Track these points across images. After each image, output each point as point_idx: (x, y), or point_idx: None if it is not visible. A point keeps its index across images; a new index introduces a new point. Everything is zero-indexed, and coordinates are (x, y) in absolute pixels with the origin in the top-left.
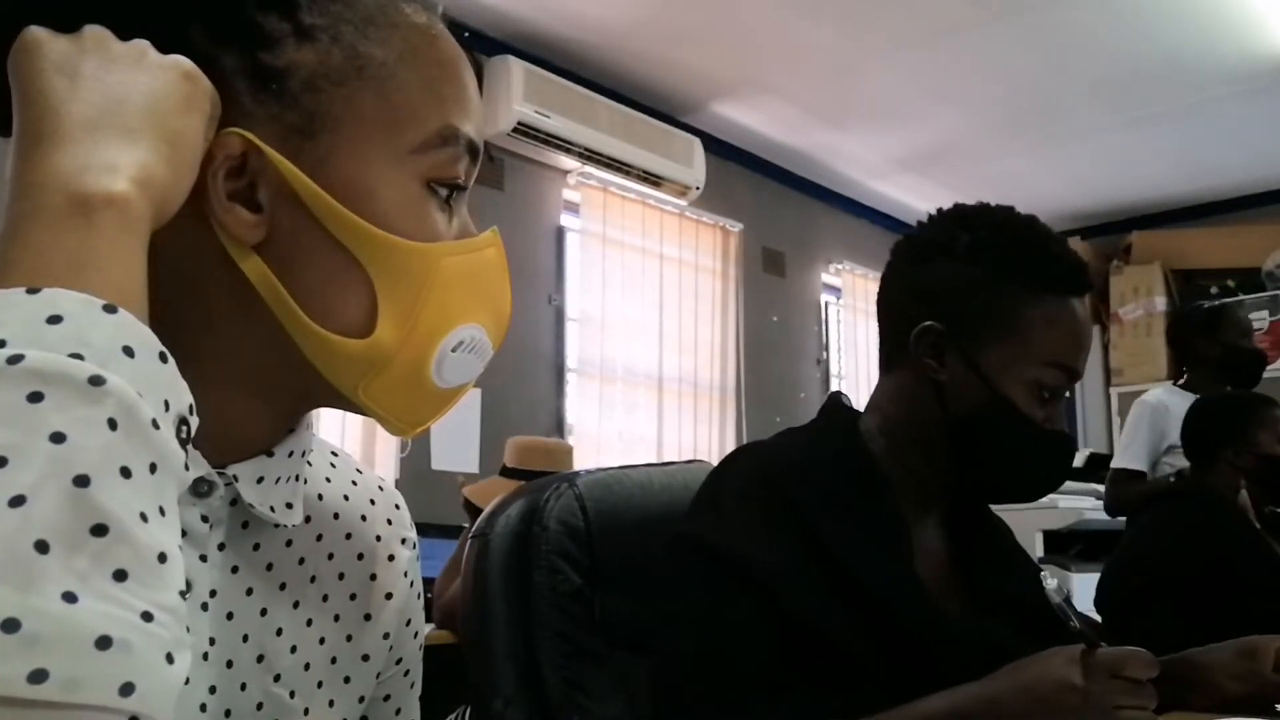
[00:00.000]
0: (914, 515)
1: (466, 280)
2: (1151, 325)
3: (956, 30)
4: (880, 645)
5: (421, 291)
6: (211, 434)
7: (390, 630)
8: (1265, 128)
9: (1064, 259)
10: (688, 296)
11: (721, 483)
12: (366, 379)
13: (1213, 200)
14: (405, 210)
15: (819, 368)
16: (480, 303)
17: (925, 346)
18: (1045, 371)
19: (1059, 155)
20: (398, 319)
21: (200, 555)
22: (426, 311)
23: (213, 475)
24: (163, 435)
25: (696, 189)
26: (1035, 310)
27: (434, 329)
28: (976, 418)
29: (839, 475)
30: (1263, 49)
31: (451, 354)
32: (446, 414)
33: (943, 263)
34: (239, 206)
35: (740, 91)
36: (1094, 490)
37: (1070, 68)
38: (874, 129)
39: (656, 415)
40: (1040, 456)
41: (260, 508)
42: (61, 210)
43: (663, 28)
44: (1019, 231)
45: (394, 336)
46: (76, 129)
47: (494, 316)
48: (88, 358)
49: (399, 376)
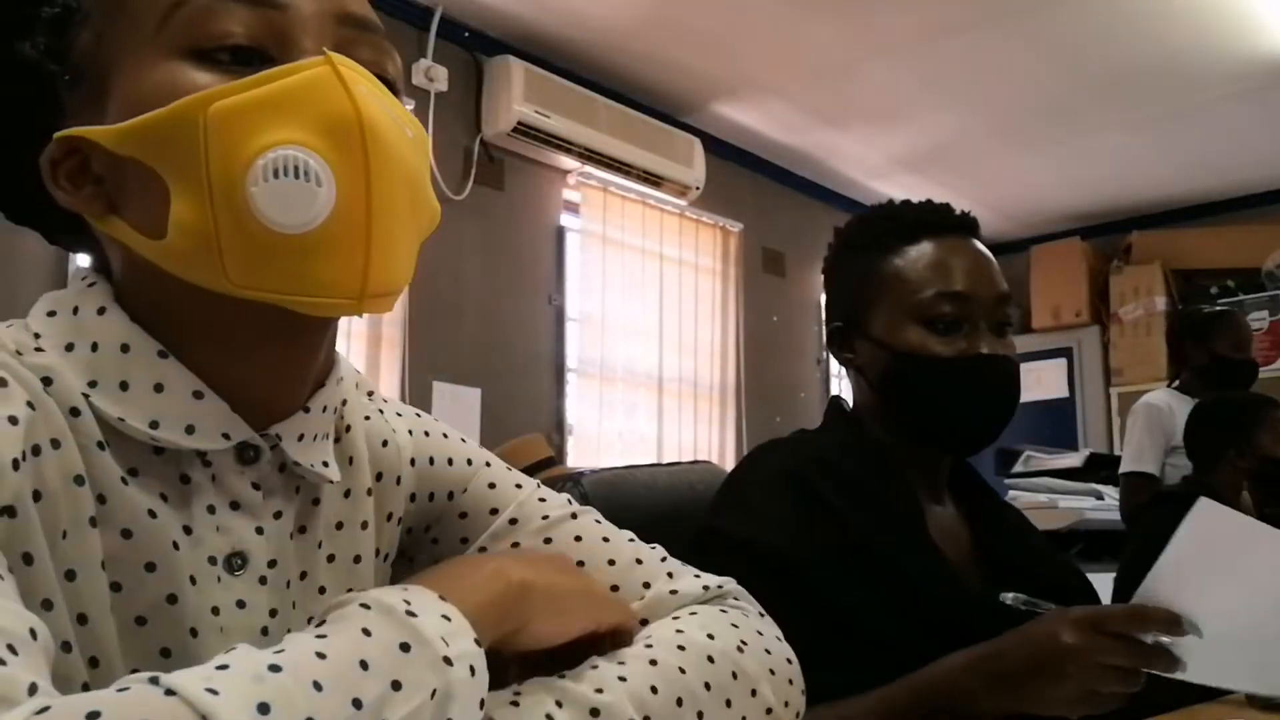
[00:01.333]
0: (926, 496)
1: (256, 112)
2: (1151, 325)
3: (956, 30)
4: (910, 623)
5: (199, 148)
6: (249, 399)
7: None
8: (1265, 128)
9: (909, 214)
10: (688, 296)
11: (745, 479)
12: (221, 266)
13: (1213, 200)
14: (163, 90)
15: (819, 368)
16: (285, 122)
17: (837, 345)
18: (926, 307)
19: (1059, 155)
20: (191, 189)
21: (256, 528)
22: (213, 164)
23: (255, 439)
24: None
25: (696, 189)
26: (894, 263)
27: (230, 176)
28: (888, 375)
29: (855, 465)
30: (1263, 49)
31: (262, 185)
32: (376, 279)
33: (832, 271)
34: (86, 187)
35: (740, 91)
36: (1094, 490)
37: (1070, 68)
38: (874, 129)
39: (656, 415)
40: (958, 383)
41: (307, 466)
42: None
43: (663, 28)
44: (873, 213)
45: (195, 207)
46: None
47: (319, 127)
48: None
49: (239, 243)
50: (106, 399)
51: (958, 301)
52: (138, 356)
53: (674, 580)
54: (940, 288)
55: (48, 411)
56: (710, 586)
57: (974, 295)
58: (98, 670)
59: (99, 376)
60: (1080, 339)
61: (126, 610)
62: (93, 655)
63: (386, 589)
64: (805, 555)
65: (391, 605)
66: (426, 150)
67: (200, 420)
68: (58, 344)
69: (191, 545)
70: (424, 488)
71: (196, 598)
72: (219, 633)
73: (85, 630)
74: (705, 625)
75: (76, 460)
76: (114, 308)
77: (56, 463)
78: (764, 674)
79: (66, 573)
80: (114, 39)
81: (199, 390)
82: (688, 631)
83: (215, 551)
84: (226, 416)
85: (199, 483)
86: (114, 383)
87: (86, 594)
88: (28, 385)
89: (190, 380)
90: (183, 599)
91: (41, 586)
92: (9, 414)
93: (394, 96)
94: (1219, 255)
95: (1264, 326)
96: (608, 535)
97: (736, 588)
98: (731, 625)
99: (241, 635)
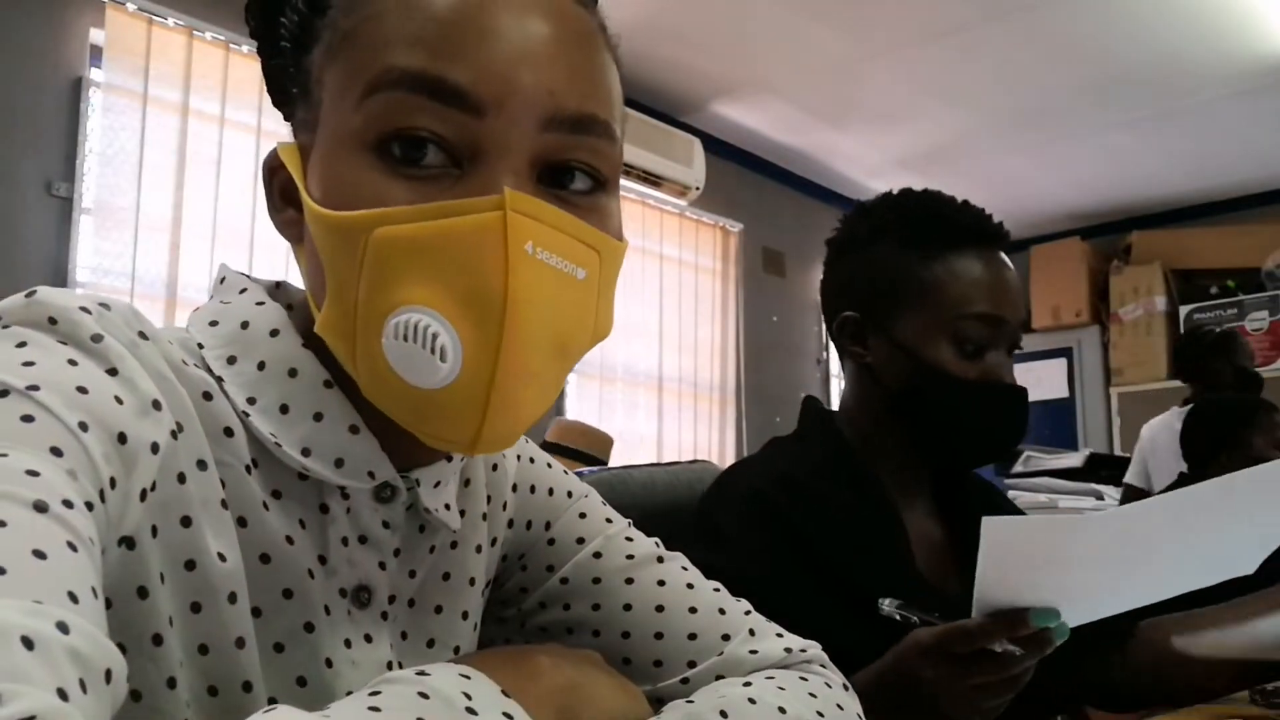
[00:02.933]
0: (902, 500)
1: (412, 251)
2: (1151, 325)
3: (956, 30)
4: (886, 643)
5: (357, 268)
6: (400, 438)
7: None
8: (1265, 128)
9: (956, 218)
10: (688, 297)
11: (714, 507)
12: (355, 370)
13: (1213, 200)
14: (345, 179)
15: (819, 368)
16: (434, 274)
17: (848, 336)
18: (962, 325)
19: (1059, 155)
20: (343, 297)
21: (379, 563)
22: (363, 290)
23: (396, 480)
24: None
25: (696, 189)
26: (936, 271)
27: (371, 314)
28: (909, 389)
29: (827, 479)
30: (1263, 49)
31: (392, 341)
32: (489, 438)
33: (852, 255)
34: (288, 210)
35: (740, 91)
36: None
37: (1071, 68)
38: (874, 129)
39: (656, 415)
40: (979, 410)
41: (435, 513)
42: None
43: (663, 28)
44: (912, 204)
45: (341, 316)
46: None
47: (463, 293)
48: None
49: (368, 368)
50: (264, 419)
51: (993, 324)
52: (304, 383)
53: (755, 639)
54: (981, 309)
55: (194, 435)
56: (793, 650)
57: (1007, 320)
58: (217, 699)
59: (260, 395)
60: (1080, 339)
61: (266, 636)
62: (211, 685)
63: (446, 672)
64: (779, 582)
65: (451, 698)
66: (615, 267)
67: (350, 455)
68: (221, 355)
69: (326, 575)
70: (522, 515)
71: (333, 628)
72: (352, 665)
73: (206, 660)
74: (780, 694)
75: (217, 485)
76: (288, 330)
77: (197, 487)
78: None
79: (193, 604)
80: (332, 78)
81: (355, 425)
82: (760, 699)
83: (346, 584)
84: (375, 454)
85: (336, 514)
86: (274, 404)
87: (212, 623)
88: (180, 406)
89: (350, 414)
90: (319, 628)
91: (154, 621)
92: (152, 440)
93: (579, 222)
94: (1219, 255)
95: (1264, 326)
96: (692, 582)
97: (820, 654)
98: (810, 695)
99: (371, 669)
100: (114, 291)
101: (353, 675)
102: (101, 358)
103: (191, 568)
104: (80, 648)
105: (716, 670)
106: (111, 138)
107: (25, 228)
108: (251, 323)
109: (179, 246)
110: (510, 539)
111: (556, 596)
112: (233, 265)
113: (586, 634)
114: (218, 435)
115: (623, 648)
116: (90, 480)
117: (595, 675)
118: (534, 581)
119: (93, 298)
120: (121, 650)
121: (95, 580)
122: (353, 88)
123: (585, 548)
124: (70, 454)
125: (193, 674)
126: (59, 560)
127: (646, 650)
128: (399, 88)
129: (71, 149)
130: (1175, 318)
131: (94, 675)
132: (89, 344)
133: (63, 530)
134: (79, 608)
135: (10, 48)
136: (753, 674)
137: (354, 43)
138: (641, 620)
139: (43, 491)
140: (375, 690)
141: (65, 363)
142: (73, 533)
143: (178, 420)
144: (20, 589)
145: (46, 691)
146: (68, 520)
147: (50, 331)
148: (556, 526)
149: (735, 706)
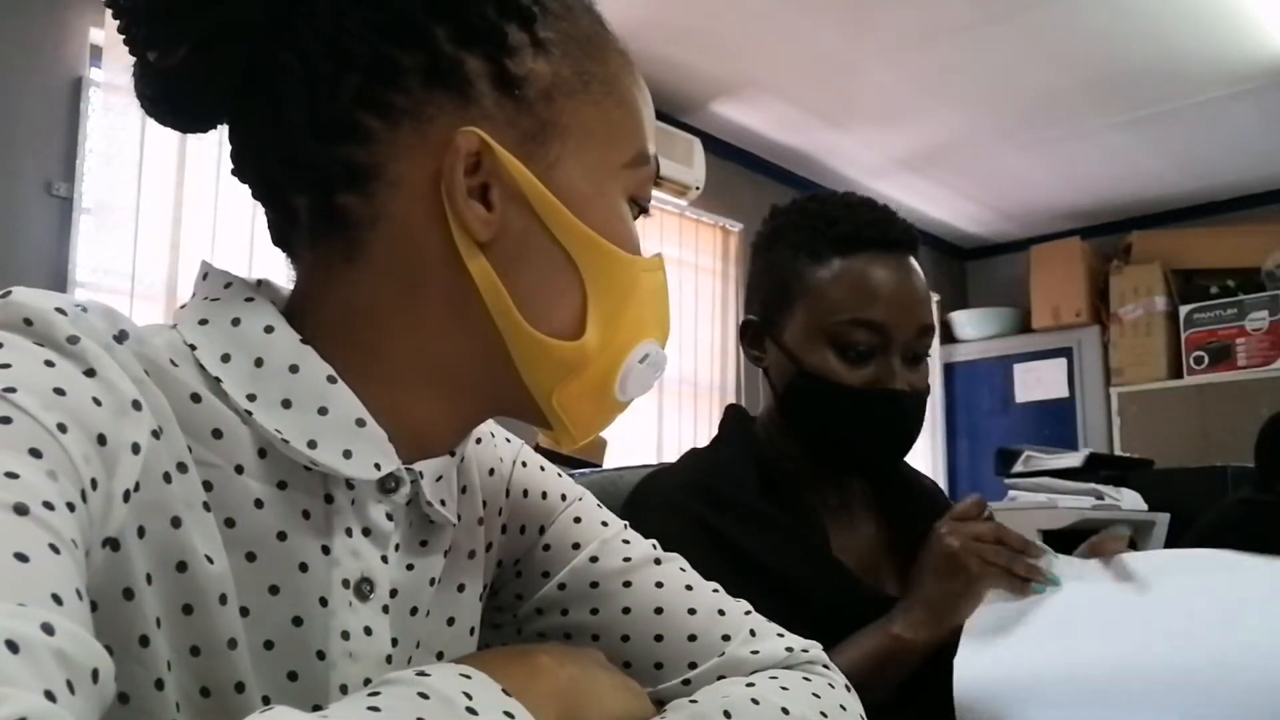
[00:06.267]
0: (826, 502)
1: (652, 296)
2: (1151, 325)
3: (956, 30)
4: (817, 633)
5: (626, 302)
6: (405, 433)
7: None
8: (1265, 128)
9: (846, 221)
10: (688, 296)
11: (638, 521)
12: (564, 384)
13: (1213, 200)
14: (616, 222)
15: None
16: (658, 320)
17: (747, 341)
18: (842, 331)
19: (1059, 155)
20: (603, 326)
21: (382, 556)
22: (624, 322)
23: (402, 471)
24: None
25: (696, 189)
26: (821, 275)
27: (627, 340)
28: (790, 391)
29: (739, 484)
30: (1263, 49)
31: (638, 365)
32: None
33: (755, 259)
34: (477, 203)
35: (740, 91)
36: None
37: (1070, 68)
38: (874, 129)
39: (656, 415)
40: (857, 415)
41: (435, 506)
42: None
43: (663, 28)
44: (812, 208)
45: (597, 343)
46: None
47: (664, 335)
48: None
49: (590, 384)
50: (267, 414)
51: (873, 331)
52: (306, 378)
53: (756, 640)
54: (858, 315)
55: (173, 437)
56: (794, 649)
57: (892, 327)
58: (210, 700)
59: (260, 391)
60: (1080, 339)
61: (255, 635)
62: (204, 686)
63: (447, 672)
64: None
65: (451, 698)
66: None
67: (358, 447)
68: (215, 354)
69: (328, 566)
70: (515, 520)
71: (329, 620)
72: (348, 658)
73: (198, 662)
74: (784, 694)
75: (199, 488)
76: (282, 326)
77: (179, 489)
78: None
79: (184, 606)
80: (572, 107)
81: (362, 418)
82: (764, 699)
83: (349, 575)
84: (382, 446)
85: (341, 505)
86: (276, 400)
87: (204, 625)
88: (158, 407)
89: (355, 407)
90: (308, 621)
91: (140, 623)
92: (133, 441)
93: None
94: (1219, 255)
95: (1264, 326)
96: (691, 584)
97: (821, 654)
98: (813, 695)
99: (369, 662)
100: (114, 291)
101: (350, 668)
102: (78, 359)
103: (183, 569)
104: (66, 649)
105: (718, 671)
106: (111, 138)
107: (25, 228)
108: (243, 319)
109: (179, 246)
110: (504, 544)
111: (554, 602)
112: (232, 266)
113: (585, 639)
114: (203, 437)
115: (623, 651)
116: (71, 481)
117: (597, 674)
118: (530, 588)
119: (69, 299)
120: (108, 652)
121: (79, 581)
122: (613, 143)
123: (581, 552)
124: (49, 455)
125: (184, 676)
126: (41, 562)
127: (647, 653)
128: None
129: (71, 149)
130: (1175, 318)
131: (81, 676)
132: (65, 345)
133: (44, 532)
134: (63, 609)
135: (10, 48)
136: (755, 674)
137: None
138: (641, 623)
139: (23, 494)
140: (375, 690)
141: (42, 364)
142: (54, 534)
143: (159, 422)
144: (3, 592)
145: (34, 694)
146: (49, 522)
147: (26, 333)
148: (551, 531)
149: (739, 706)
